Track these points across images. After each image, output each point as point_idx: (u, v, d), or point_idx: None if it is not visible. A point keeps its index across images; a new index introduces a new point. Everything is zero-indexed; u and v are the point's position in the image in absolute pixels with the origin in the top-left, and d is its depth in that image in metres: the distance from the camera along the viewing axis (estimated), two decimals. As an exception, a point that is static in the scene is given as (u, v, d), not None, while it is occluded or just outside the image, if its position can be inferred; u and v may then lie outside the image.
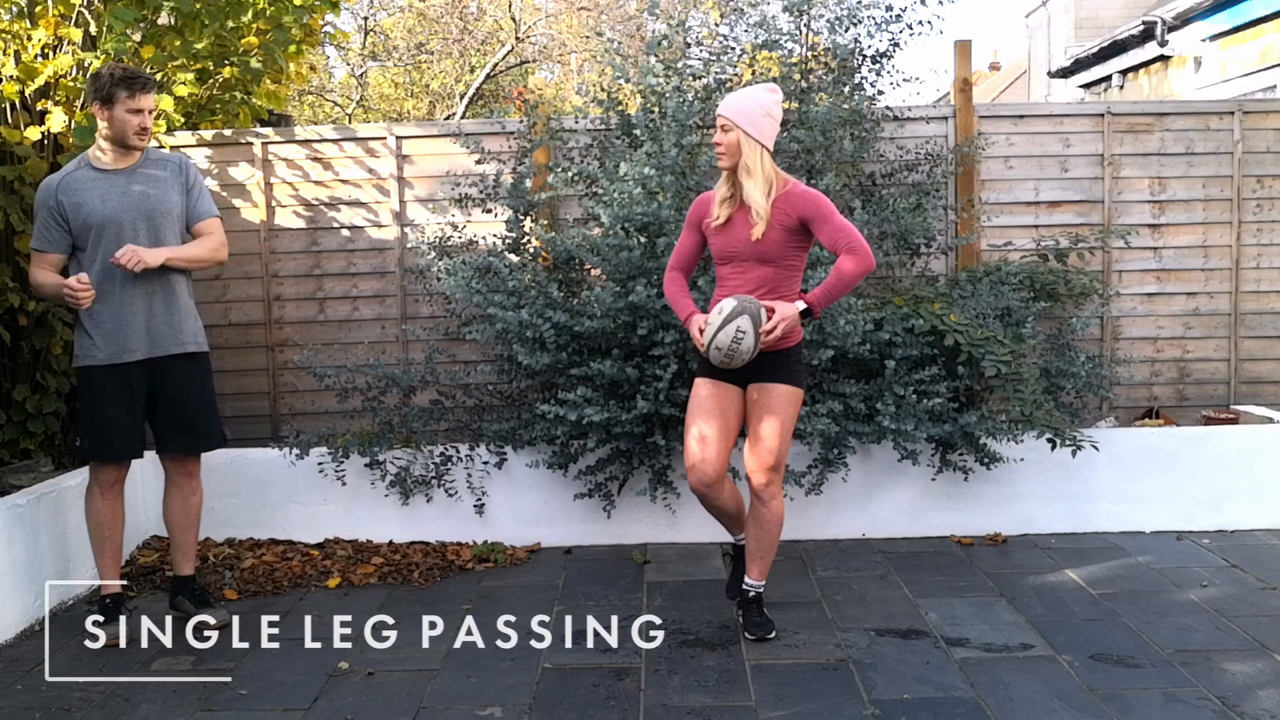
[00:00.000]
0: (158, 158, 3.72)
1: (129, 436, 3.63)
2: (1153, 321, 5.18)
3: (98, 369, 3.57)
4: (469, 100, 15.02)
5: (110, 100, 3.50)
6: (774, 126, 3.34)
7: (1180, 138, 5.13)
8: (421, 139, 5.10)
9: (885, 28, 4.74)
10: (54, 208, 3.55)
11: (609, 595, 3.99)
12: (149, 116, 3.58)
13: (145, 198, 3.59)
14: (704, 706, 3.05)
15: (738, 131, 3.29)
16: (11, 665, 3.46)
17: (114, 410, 3.58)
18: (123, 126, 3.53)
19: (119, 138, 3.55)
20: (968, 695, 3.08)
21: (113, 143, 3.57)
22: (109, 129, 3.54)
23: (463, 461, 4.64)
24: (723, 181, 3.41)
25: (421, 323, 5.10)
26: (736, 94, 3.37)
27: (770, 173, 3.33)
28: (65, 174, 3.61)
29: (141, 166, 3.63)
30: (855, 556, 4.38)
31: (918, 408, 4.25)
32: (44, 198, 3.59)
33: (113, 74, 3.53)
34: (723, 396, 3.44)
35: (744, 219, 3.36)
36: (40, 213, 3.59)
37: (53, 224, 3.56)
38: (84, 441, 3.64)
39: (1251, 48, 10.12)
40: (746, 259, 3.36)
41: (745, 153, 3.29)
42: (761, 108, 3.31)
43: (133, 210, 3.56)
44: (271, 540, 4.68)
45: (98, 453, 3.63)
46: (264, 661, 3.44)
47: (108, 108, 3.51)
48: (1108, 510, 4.62)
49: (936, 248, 5.02)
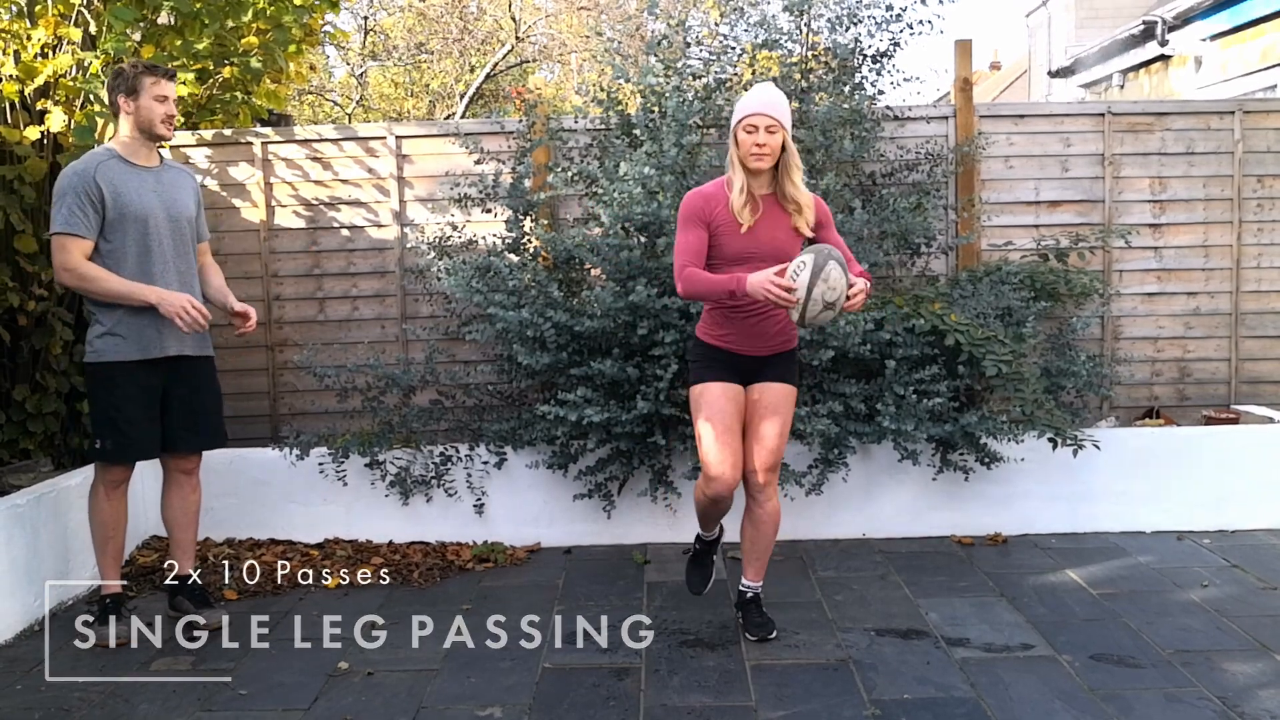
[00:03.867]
0: (174, 166, 3.74)
1: (149, 437, 3.60)
2: (1153, 321, 5.18)
3: (121, 367, 3.50)
4: (469, 100, 15.02)
5: (135, 90, 3.49)
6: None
7: (1181, 137, 5.13)
8: (421, 139, 5.10)
9: (885, 27, 4.74)
10: (91, 192, 3.44)
11: (609, 595, 3.99)
12: (173, 105, 3.57)
13: (173, 201, 3.60)
14: (704, 707, 3.04)
15: (783, 132, 3.23)
16: (11, 665, 3.46)
17: (136, 410, 3.54)
18: (150, 114, 3.51)
19: (147, 126, 3.53)
20: (968, 695, 3.07)
21: (141, 133, 3.54)
22: (136, 119, 3.52)
23: (462, 461, 4.63)
24: (745, 184, 3.25)
25: (421, 322, 5.10)
26: (772, 92, 3.25)
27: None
28: (99, 161, 3.50)
29: (164, 170, 3.64)
30: (855, 556, 4.38)
31: (918, 408, 4.25)
32: (79, 182, 3.44)
33: (135, 65, 3.54)
34: (735, 399, 3.36)
35: (772, 218, 3.29)
36: (69, 197, 3.43)
37: (89, 208, 3.44)
38: (105, 443, 3.55)
39: (1252, 47, 10.12)
40: (766, 258, 3.22)
41: (791, 151, 3.26)
42: (786, 104, 3.29)
43: (162, 209, 3.56)
44: (271, 540, 4.68)
45: (120, 454, 3.57)
46: (264, 661, 3.44)
47: (133, 98, 3.49)
48: (1108, 510, 4.62)
49: (937, 247, 5.02)
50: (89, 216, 3.45)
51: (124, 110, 3.53)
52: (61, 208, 3.44)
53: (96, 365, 3.53)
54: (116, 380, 3.51)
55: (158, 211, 3.54)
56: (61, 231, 3.43)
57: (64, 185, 3.47)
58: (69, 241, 3.43)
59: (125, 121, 3.55)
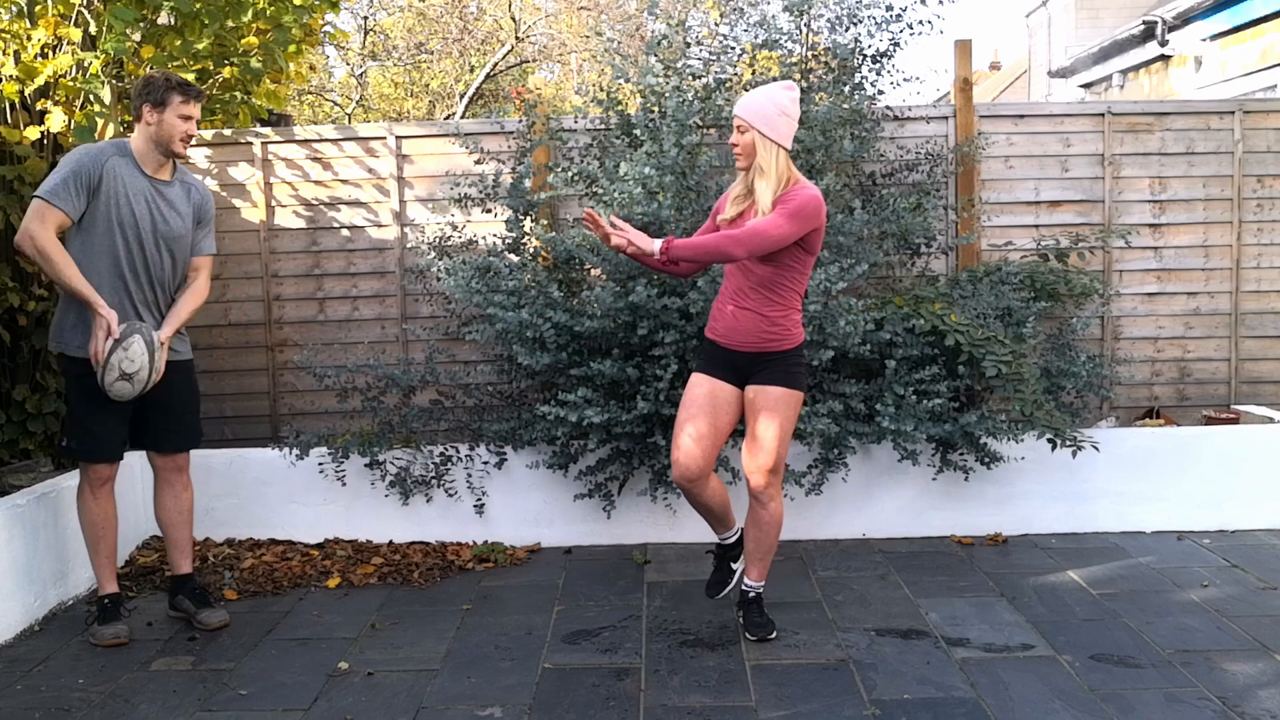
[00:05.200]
0: (187, 180, 3.70)
1: (116, 437, 3.61)
2: (1153, 321, 5.18)
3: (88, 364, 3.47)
4: (469, 100, 15.02)
5: (163, 104, 3.47)
6: (790, 125, 3.30)
7: (1181, 137, 5.13)
8: (421, 139, 5.10)
9: (885, 27, 4.73)
10: (93, 176, 3.42)
11: (609, 595, 3.99)
12: (194, 125, 3.56)
13: (164, 219, 3.57)
14: (704, 707, 3.04)
15: (753, 132, 3.26)
16: (11, 665, 3.46)
17: (102, 410, 3.53)
18: (170, 131, 3.50)
19: (164, 142, 3.51)
20: (968, 695, 3.07)
21: (156, 146, 3.53)
22: (156, 132, 3.50)
23: (462, 462, 4.63)
24: (740, 180, 3.40)
25: (421, 323, 5.10)
26: (752, 93, 3.32)
27: (784, 171, 3.30)
28: (114, 153, 3.49)
29: (169, 186, 3.61)
30: (855, 556, 4.38)
31: (918, 408, 4.25)
32: (87, 162, 3.43)
33: (168, 79, 3.52)
34: (717, 394, 3.43)
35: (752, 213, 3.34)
36: (69, 169, 3.40)
37: (82, 189, 3.41)
38: (71, 442, 3.60)
39: (1252, 47, 10.12)
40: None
41: (760, 153, 3.27)
42: (777, 107, 3.27)
43: (149, 223, 3.53)
44: (271, 540, 4.68)
45: (85, 453, 3.59)
46: (263, 661, 3.44)
47: (159, 110, 3.48)
48: (1108, 510, 4.62)
49: (937, 247, 5.02)
50: (78, 196, 3.42)
51: (146, 120, 3.51)
52: (56, 177, 3.43)
53: (71, 358, 3.52)
54: (86, 380, 3.50)
55: (145, 224, 3.52)
56: (45, 198, 3.40)
57: (71, 158, 3.46)
58: (47, 211, 3.39)
59: (143, 131, 3.53)
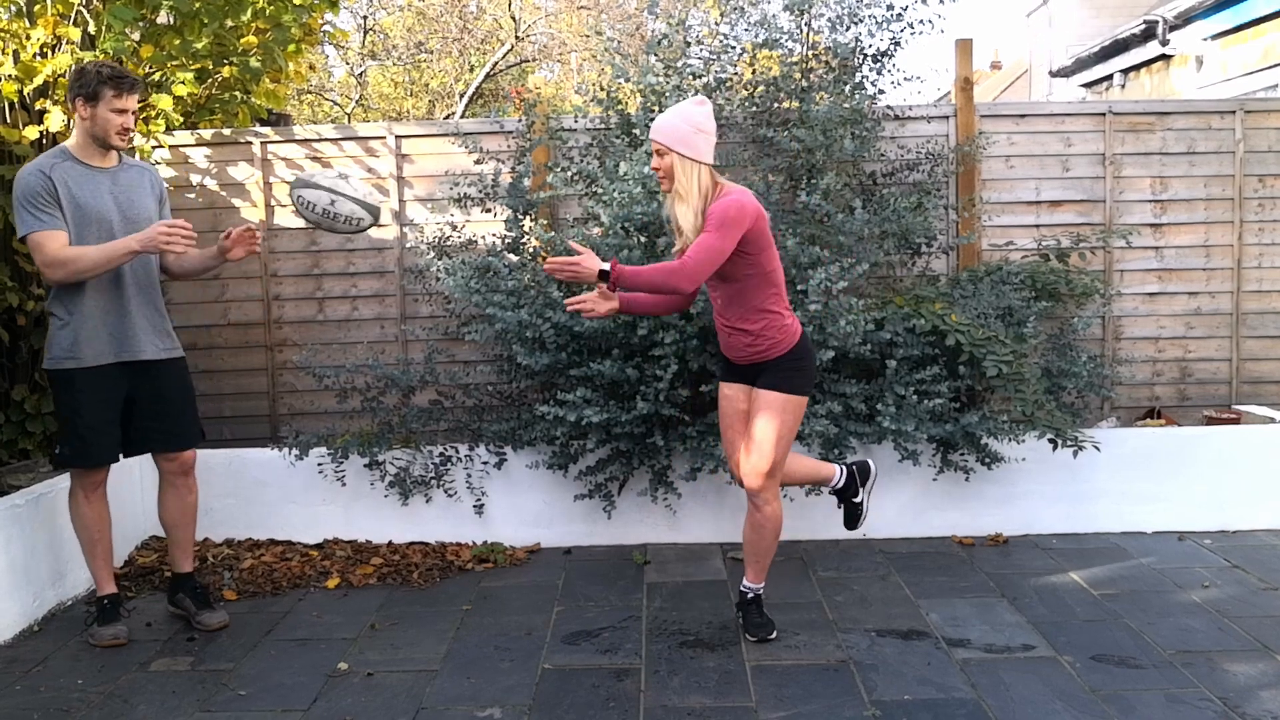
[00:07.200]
0: (132, 163, 3.69)
1: (110, 441, 3.59)
2: (1154, 321, 5.17)
3: (80, 373, 3.48)
4: (468, 99, 15.01)
5: (95, 98, 3.43)
6: (709, 140, 3.22)
7: (1182, 137, 5.12)
8: (421, 138, 5.10)
9: (886, 26, 4.73)
10: (49, 190, 3.40)
11: (609, 596, 3.98)
12: (131, 117, 3.52)
13: (129, 203, 3.56)
14: (704, 707, 3.04)
15: (672, 155, 3.20)
16: (10, 665, 3.45)
17: (96, 415, 3.52)
18: (105, 125, 3.46)
19: (101, 136, 3.48)
20: (969, 696, 3.07)
21: (94, 140, 3.50)
22: (91, 126, 3.47)
23: (462, 462, 4.63)
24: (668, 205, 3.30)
25: (421, 323, 5.10)
26: (665, 114, 3.24)
27: (706, 189, 3.22)
28: (53, 163, 3.47)
29: (121, 170, 3.59)
30: (856, 557, 4.37)
31: (919, 408, 4.24)
32: (36, 182, 3.40)
33: (99, 71, 3.45)
34: (737, 400, 3.48)
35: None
36: (29, 196, 3.39)
37: (53, 204, 3.40)
38: (64, 449, 3.57)
39: (1253, 47, 10.11)
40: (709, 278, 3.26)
41: (679, 176, 3.20)
42: (692, 125, 3.20)
43: (117, 211, 3.52)
44: (271, 541, 4.67)
45: (80, 459, 3.57)
46: (263, 662, 3.43)
47: (91, 105, 3.44)
48: (1109, 510, 4.61)
49: (937, 247, 5.01)
50: (51, 209, 3.40)
51: (79, 114, 3.47)
52: (24, 211, 3.40)
53: (57, 370, 3.50)
54: (76, 384, 3.49)
55: (113, 213, 3.51)
56: (30, 232, 3.40)
57: (17, 187, 3.43)
58: (43, 238, 3.39)
59: (79, 126, 3.49)
